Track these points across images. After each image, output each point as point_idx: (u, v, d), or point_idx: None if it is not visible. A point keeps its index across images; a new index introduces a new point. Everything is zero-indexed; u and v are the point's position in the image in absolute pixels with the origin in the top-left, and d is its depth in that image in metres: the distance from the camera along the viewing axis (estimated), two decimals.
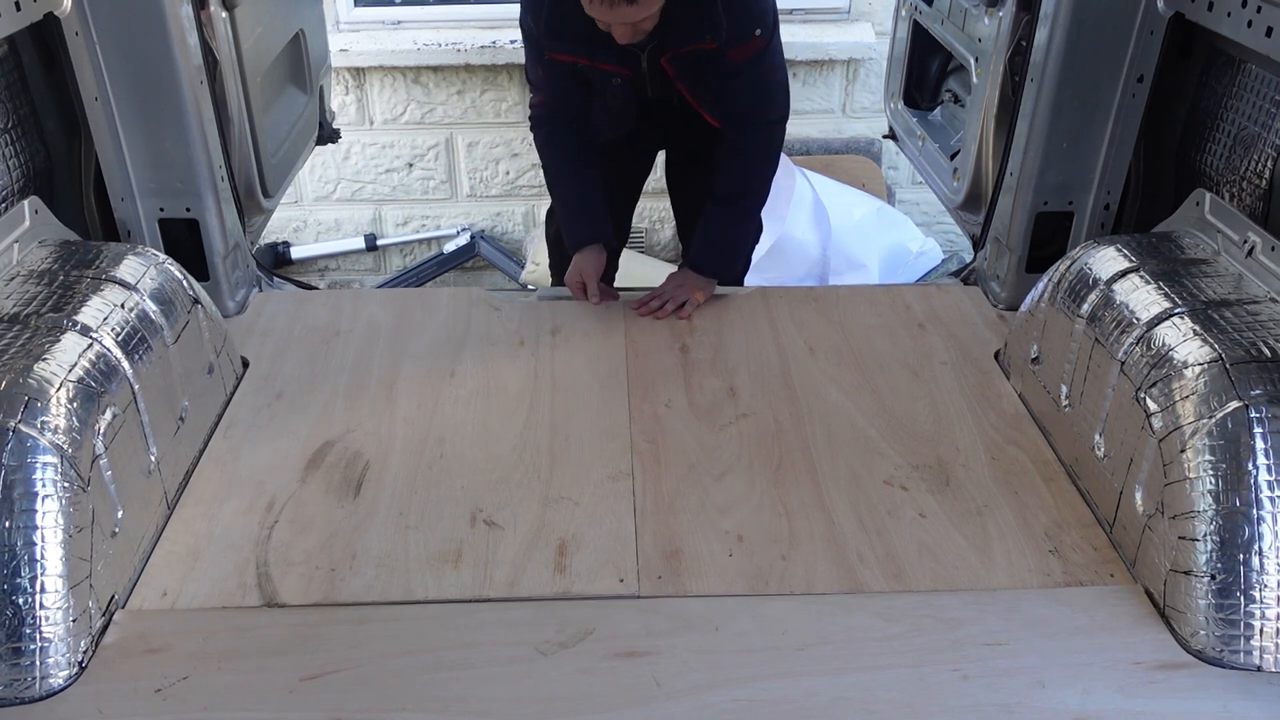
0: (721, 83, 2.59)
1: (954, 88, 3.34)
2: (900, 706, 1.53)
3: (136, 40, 2.35)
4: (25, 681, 1.52)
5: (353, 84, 4.47)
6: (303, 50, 3.30)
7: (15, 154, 2.27)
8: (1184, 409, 1.70)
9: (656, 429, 2.20)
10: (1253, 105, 2.18)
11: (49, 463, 1.58)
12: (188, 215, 2.58)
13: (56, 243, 2.20)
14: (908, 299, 2.76)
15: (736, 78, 2.56)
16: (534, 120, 2.75)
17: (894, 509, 1.96)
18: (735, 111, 2.64)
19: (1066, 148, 2.52)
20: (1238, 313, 1.84)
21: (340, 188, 4.72)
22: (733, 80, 2.57)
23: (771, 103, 2.66)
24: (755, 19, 2.49)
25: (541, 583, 1.78)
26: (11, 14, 2.10)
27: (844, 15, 4.60)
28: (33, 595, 1.53)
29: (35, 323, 1.82)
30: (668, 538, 1.88)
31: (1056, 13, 2.37)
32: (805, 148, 4.64)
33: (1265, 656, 1.57)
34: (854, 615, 1.70)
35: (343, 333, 2.59)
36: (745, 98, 2.62)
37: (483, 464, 2.09)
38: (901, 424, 2.22)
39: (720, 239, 2.77)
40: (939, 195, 3.18)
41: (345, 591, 1.76)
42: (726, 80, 2.57)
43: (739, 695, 1.55)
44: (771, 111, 2.67)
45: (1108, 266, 2.09)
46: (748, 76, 2.57)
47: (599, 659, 1.61)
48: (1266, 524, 1.57)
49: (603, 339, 2.56)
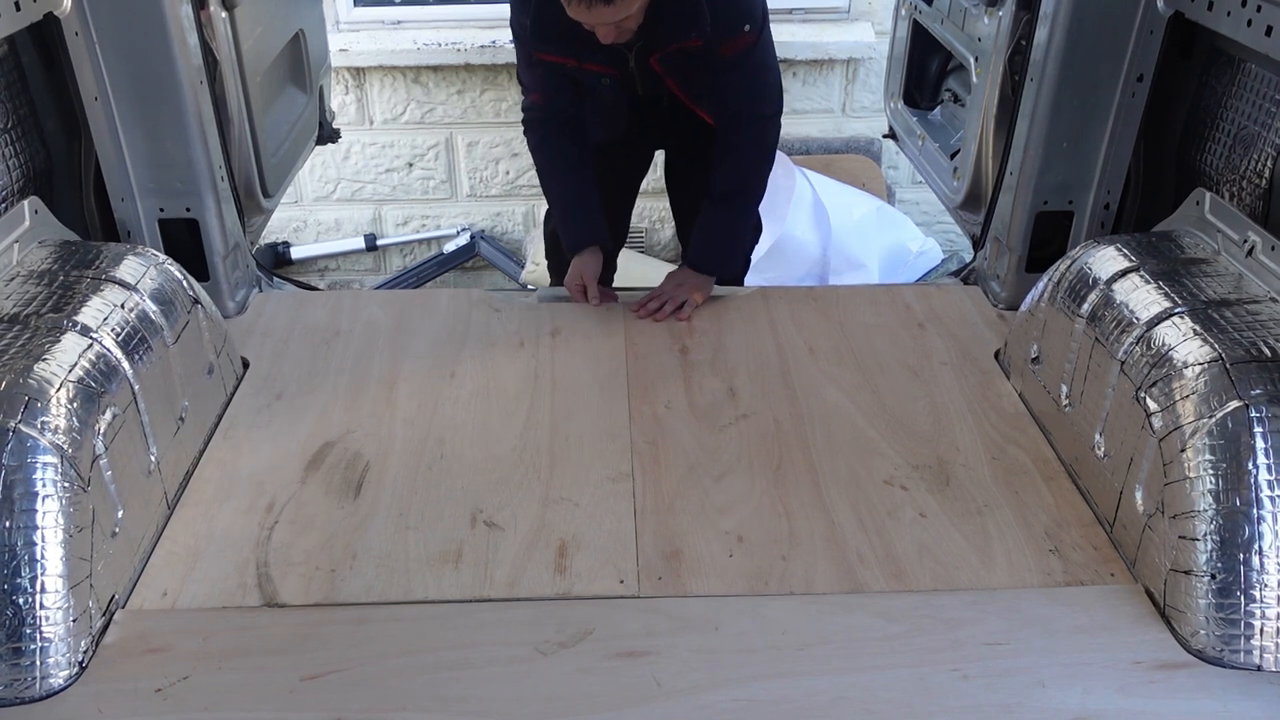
0: (712, 79, 2.59)
1: (954, 87, 3.34)
2: (900, 706, 1.53)
3: (136, 40, 2.35)
4: (25, 681, 1.52)
5: (353, 84, 4.47)
6: (303, 50, 3.30)
7: (15, 154, 2.27)
8: (1184, 408, 1.70)
9: (656, 430, 2.20)
10: (1253, 104, 2.18)
11: (49, 463, 1.58)
12: (188, 215, 2.58)
13: (56, 243, 2.20)
14: (908, 299, 2.76)
15: (728, 74, 2.56)
16: (527, 123, 2.75)
17: (894, 509, 1.96)
18: (728, 108, 2.64)
19: (1066, 147, 2.52)
20: (1238, 312, 1.84)
21: (340, 188, 4.72)
22: (724, 76, 2.57)
23: (765, 99, 2.66)
24: (743, 14, 2.49)
25: (541, 583, 1.78)
26: (11, 14, 2.10)
27: (844, 15, 4.60)
28: (33, 595, 1.53)
29: (35, 323, 1.82)
30: (668, 538, 1.88)
31: (1056, 12, 2.37)
32: (805, 147, 4.64)
33: (1265, 656, 1.57)
34: (854, 615, 1.70)
35: (343, 333, 2.59)
36: (737, 94, 2.61)
37: (483, 464, 2.09)
38: (901, 424, 2.22)
39: (718, 237, 2.76)
40: (939, 195, 3.18)
41: (345, 591, 1.76)
42: (717, 76, 2.57)
43: (739, 695, 1.55)
44: (765, 107, 2.67)
45: (1108, 266, 2.09)
46: (739, 72, 2.57)
47: (599, 659, 1.61)
48: (1267, 523, 1.57)
49: (602, 340, 2.56)
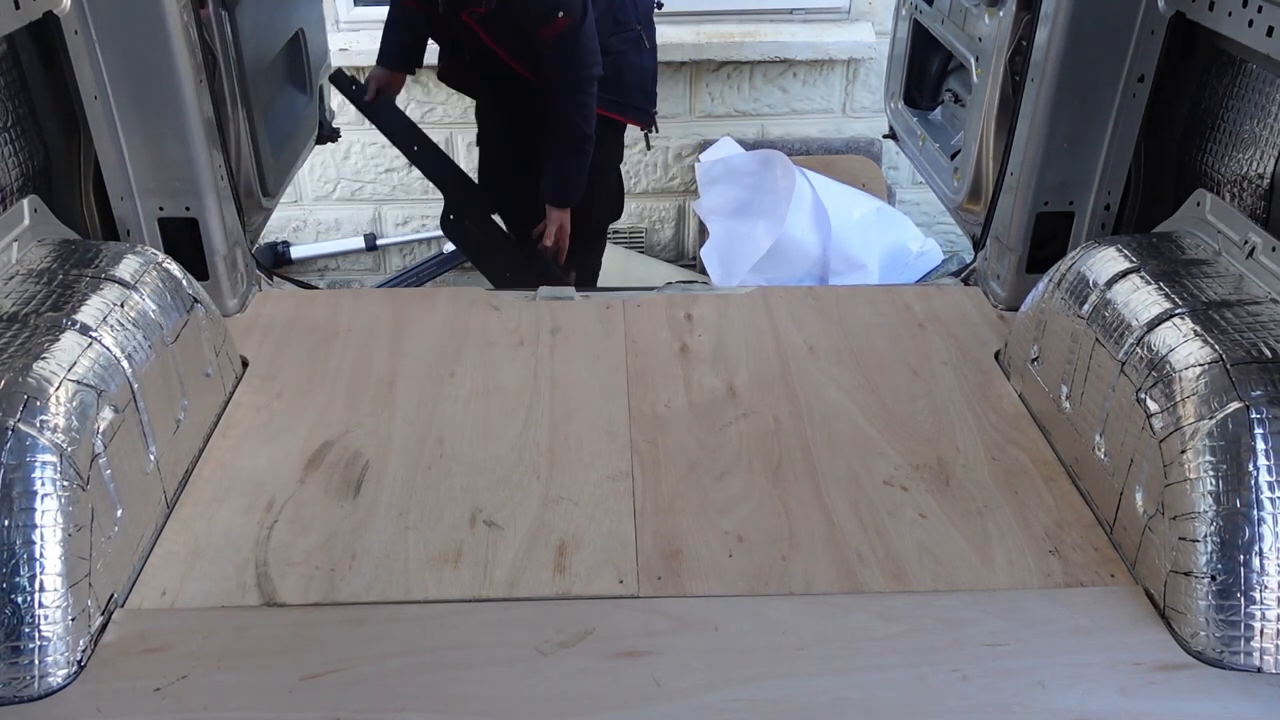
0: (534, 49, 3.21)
1: (954, 87, 3.34)
2: (900, 706, 1.53)
3: (136, 39, 2.35)
4: (24, 680, 1.52)
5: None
6: (302, 50, 3.30)
7: (14, 153, 2.27)
8: (1184, 410, 1.70)
9: (656, 429, 2.20)
10: (1253, 105, 2.18)
11: (48, 461, 1.58)
12: (187, 214, 2.57)
13: (56, 242, 2.19)
14: (908, 299, 2.76)
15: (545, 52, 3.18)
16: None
17: (894, 509, 1.96)
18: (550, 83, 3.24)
19: (1067, 148, 2.52)
20: (1238, 313, 1.84)
21: (340, 187, 4.72)
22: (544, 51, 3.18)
23: (570, 83, 3.24)
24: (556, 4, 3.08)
25: (541, 583, 1.78)
26: (11, 13, 2.10)
27: (844, 15, 4.61)
28: (31, 594, 1.53)
29: (34, 322, 1.82)
30: (668, 538, 1.88)
31: (1057, 12, 2.37)
32: (805, 147, 4.65)
33: (1265, 657, 1.57)
34: (854, 615, 1.70)
35: (342, 332, 2.59)
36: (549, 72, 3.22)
37: (483, 464, 2.08)
38: (901, 424, 2.22)
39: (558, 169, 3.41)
40: (939, 195, 3.18)
41: (345, 591, 1.76)
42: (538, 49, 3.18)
43: (739, 695, 1.54)
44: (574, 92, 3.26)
45: (1108, 267, 2.08)
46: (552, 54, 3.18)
47: (599, 659, 1.61)
48: (1267, 525, 1.57)
49: (603, 339, 2.56)
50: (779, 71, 4.59)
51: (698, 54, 4.44)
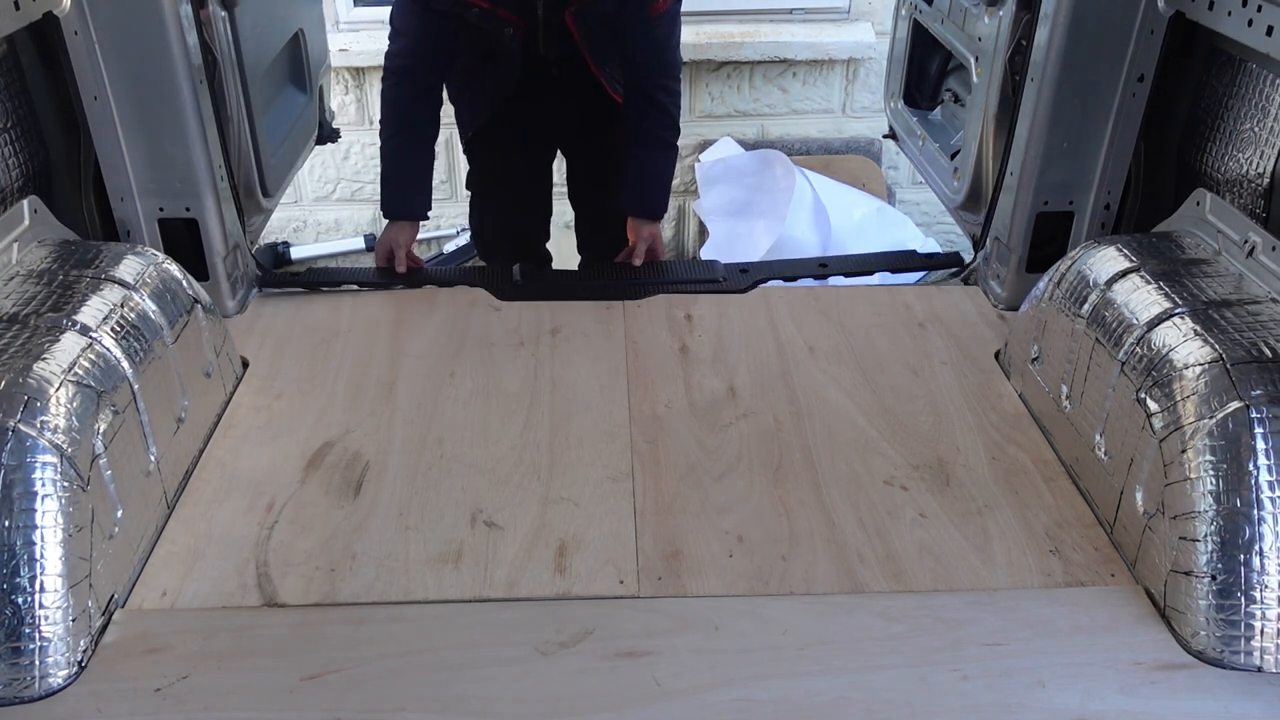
0: (621, 44, 2.72)
1: (954, 87, 3.34)
2: (900, 706, 1.53)
3: (136, 40, 2.35)
4: (24, 681, 1.52)
5: (353, 84, 4.46)
6: (302, 50, 3.30)
7: (14, 153, 2.27)
8: (1185, 409, 1.70)
9: (656, 429, 2.20)
10: (1253, 105, 2.18)
11: (48, 462, 1.58)
12: (187, 215, 2.57)
13: (56, 242, 2.19)
14: (908, 299, 2.76)
15: (649, 33, 2.69)
16: (389, 69, 2.78)
17: (894, 509, 1.96)
18: (637, 75, 2.80)
19: (1067, 147, 2.52)
20: (1238, 313, 1.84)
21: (340, 188, 4.72)
22: (643, 36, 2.70)
23: (670, 66, 2.82)
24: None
25: (541, 583, 1.78)
26: (10, 13, 2.10)
27: (844, 15, 4.60)
28: (32, 594, 1.53)
29: (34, 322, 1.82)
30: (668, 538, 1.88)
31: (1056, 12, 2.37)
32: (805, 147, 4.64)
33: (1266, 657, 1.57)
34: (854, 615, 1.70)
35: (343, 333, 2.59)
36: (647, 60, 2.78)
37: (483, 464, 2.08)
38: (901, 424, 2.22)
39: (652, 177, 2.96)
40: (939, 195, 3.18)
41: (345, 591, 1.76)
42: (633, 38, 2.70)
43: (739, 695, 1.54)
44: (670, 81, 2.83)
45: (1108, 266, 2.08)
46: (658, 33, 2.72)
47: (599, 659, 1.61)
48: (1267, 524, 1.57)
49: (603, 339, 2.56)
50: (779, 71, 4.59)
51: (698, 54, 4.44)
